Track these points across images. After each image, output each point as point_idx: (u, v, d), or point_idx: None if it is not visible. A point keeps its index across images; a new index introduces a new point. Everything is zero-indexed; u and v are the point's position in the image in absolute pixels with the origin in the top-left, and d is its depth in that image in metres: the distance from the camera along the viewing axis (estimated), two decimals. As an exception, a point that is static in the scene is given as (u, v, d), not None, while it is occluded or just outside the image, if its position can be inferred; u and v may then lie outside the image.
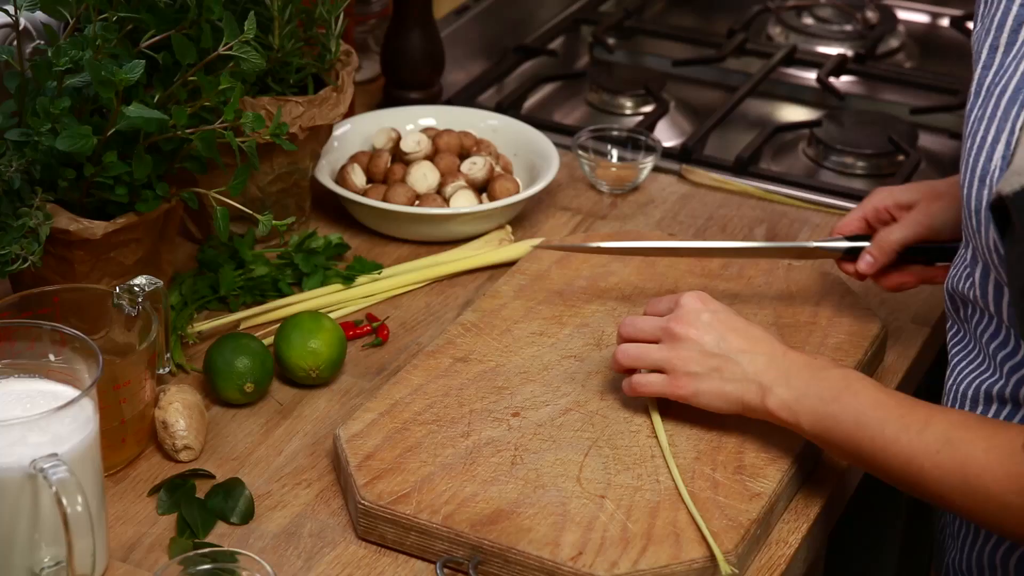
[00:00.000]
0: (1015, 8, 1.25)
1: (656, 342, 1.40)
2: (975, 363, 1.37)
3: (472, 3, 2.24)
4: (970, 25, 2.33)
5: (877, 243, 1.53)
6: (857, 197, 1.85)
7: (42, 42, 1.54)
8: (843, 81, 2.17)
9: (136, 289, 1.40)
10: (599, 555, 1.27)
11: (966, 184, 1.25)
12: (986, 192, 1.22)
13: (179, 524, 1.35)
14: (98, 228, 1.46)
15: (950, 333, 1.42)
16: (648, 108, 2.08)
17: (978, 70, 1.27)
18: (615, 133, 1.90)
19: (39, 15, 1.50)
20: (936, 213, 1.51)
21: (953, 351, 1.41)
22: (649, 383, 1.39)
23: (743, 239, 1.77)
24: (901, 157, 1.95)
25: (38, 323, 1.31)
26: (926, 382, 1.74)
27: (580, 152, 1.86)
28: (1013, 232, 1.18)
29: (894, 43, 2.30)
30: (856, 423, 1.29)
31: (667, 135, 2.03)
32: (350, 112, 1.85)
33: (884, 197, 1.55)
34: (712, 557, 1.28)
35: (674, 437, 1.40)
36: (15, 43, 1.44)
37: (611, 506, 1.32)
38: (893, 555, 1.98)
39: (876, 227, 1.55)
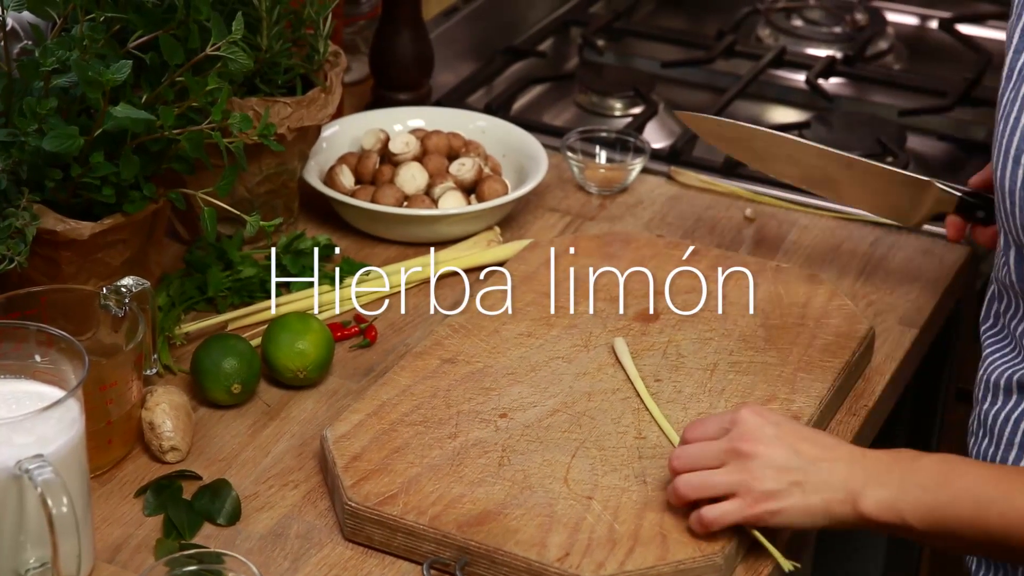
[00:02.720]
0: None
1: (718, 467, 1.28)
2: (1007, 353, 1.35)
3: (461, 4, 2.24)
4: (959, 27, 2.34)
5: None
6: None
7: (29, 42, 1.53)
8: (832, 83, 2.17)
9: (123, 290, 1.39)
10: (586, 556, 1.27)
11: (999, 166, 1.24)
12: (1020, 172, 1.20)
13: (165, 525, 1.35)
14: (85, 229, 1.45)
15: (984, 324, 1.41)
16: (637, 110, 2.08)
17: (1010, 54, 1.27)
18: (604, 135, 1.90)
19: (26, 15, 1.50)
20: None
21: (987, 341, 1.39)
22: (724, 512, 1.26)
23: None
24: (889, 159, 1.95)
25: (24, 324, 1.31)
26: (914, 384, 1.75)
27: (569, 153, 1.86)
28: None
29: (883, 45, 2.30)
30: (976, 503, 1.20)
31: (656, 137, 2.03)
32: (338, 113, 1.85)
33: None
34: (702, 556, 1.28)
35: (661, 439, 1.40)
36: (2, 43, 1.44)
37: (598, 507, 1.32)
38: (880, 555, 1.98)
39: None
